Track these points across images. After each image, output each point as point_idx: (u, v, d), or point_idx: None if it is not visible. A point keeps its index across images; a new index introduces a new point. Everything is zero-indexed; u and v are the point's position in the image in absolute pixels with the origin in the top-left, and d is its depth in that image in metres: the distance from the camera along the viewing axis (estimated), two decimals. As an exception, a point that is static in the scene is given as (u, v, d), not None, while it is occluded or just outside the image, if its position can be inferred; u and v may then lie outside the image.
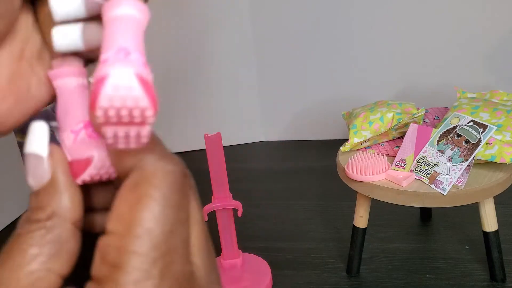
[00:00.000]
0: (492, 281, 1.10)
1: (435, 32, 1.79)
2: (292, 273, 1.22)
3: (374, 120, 1.10)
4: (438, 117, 1.18)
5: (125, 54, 0.19)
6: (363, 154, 1.06)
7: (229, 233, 1.16)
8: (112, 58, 0.18)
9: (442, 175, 0.96)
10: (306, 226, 1.43)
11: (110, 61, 0.18)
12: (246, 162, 1.91)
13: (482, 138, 0.96)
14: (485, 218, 1.05)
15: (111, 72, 0.18)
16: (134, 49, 0.19)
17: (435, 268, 1.17)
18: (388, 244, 1.28)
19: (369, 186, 1.01)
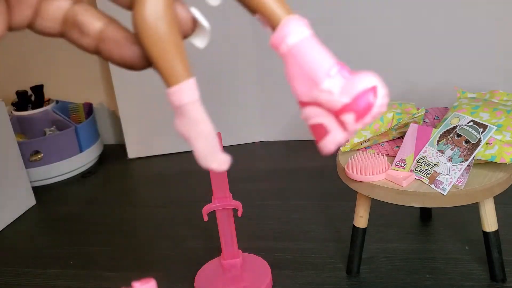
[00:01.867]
0: (492, 281, 1.10)
1: (435, 32, 1.79)
2: (292, 273, 1.22)
3: (374, 120, 1.10)
4: (438, 117, 1.18)
5: (343, 65, 0.23)
6: (363, 154, 1.06)
7: (229, 233, 1.16)
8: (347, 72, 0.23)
9: (442, 175, 0.96)
10: (306, 226, 1.43)
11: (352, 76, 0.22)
12: (246, 162, 1.91)
13: (482, 138, 0.95)
14: (485, 218, 1.05)
15: (375, 82, 0.21)
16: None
17: (435, 268, 1.17)
18: (388, 244, 1.28)
19: (369, 186, 1.01)
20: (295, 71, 0.24)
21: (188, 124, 0.24)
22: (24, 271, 1.37)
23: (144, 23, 0.23)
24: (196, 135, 0.25)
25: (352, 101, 0.22)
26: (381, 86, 0.22)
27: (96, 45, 0.24)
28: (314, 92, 0.24)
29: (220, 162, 0.25)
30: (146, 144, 2.11)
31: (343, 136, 0.24)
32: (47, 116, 2.04)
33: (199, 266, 1.24)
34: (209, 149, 0.25)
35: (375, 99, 0.22)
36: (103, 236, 1.52)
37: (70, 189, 1.90)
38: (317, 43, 0.24)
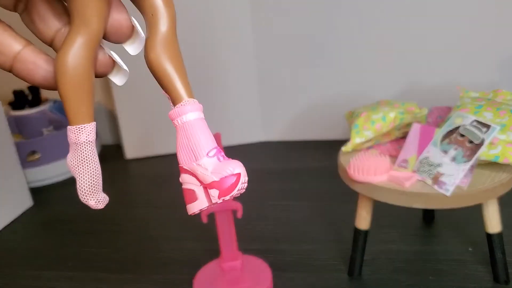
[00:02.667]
0: (496, 283, 1.09)
1: (437, 31, 1.78)
2: (293, 275, 1.20)
3: (376, 120, 1.09)
4: (441, 117, 1.17)
5: (220, 150, 0.29)
6: (365, 155, 1.04)
7: (229, 234, 1.15)
8: (221, 157, 0.28)
9: (446, 175, 0.94)
10: (307, 228, 1.41)
11: (225, 161, 0.28)
12: (246, 162, 1.89)
13: (485, 138, 0.94)
14: (489, 219, 1.03)
15: (240, 171, 0.28)
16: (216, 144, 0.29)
17: (438, 270, 1.16)
18: (390, 246, 1.27)
19: (371, 187, 1.00)
20: (183, 142, 0.30)
21: (79, 160, 0.28)
22: (21, 273, 1.36)
23: (63, 66, 0.26)
24: (83, 172, 0.28)
25: (219, 180, 0.28)
26: (244, 174, 0.29)
27: (11, 65, 0.26)
28: (193, 164, 0.30)
29: (98, 201, 0.31)
30: (144, 144, 2.09)
31: (207, 205, 0.30)
32: (44, 116, 2.02)
33: (198, 268, 1.23)
34: (92, 187, 0.29)
35: (236, 184, 0.28)
36: (101, 238, 1.50)
37: (68, 190, 1.89)
38: (206, 126, 0.30)
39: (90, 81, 0.27)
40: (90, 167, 0.28)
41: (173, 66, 0.30)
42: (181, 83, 0.30)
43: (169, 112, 0.30)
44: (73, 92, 0.26)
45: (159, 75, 0.29)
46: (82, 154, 0.28)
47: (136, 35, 0.29)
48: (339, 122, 1.94)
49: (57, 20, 0.27)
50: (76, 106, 0.27)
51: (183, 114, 0.29)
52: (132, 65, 1.58)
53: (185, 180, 0.31)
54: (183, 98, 0.30)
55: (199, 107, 0.30)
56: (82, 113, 0.27)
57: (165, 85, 0.30)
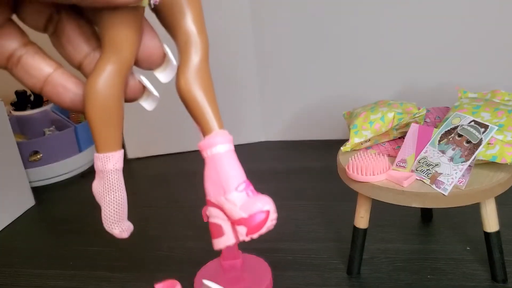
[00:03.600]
0: (493, 282, 1.09)
1: (436, 31, 1.79)
2: (293, 274, 1.21)
3: (375, 120, 1.10)
4: (439, 117, 1.18)
5: (249, 184, 0.28)
6: (363, 154, 1.05)
7: (229, 233, 1.16)
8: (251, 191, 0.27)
9: (443, 175, 0.95)
10: (306, 227, 1.42)
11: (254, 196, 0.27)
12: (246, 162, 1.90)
13: (483, 138, 0.95)
14: (486, 218, 1.04)
15: (270, 208, 0.26)
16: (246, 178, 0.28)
17: (436, 269, 1.17)
18: (389, 245, 1.28)
19: (370, 186, 1.01)
20: (212, 174, 0.28)
21: (105, 188, 0.27)
22: (23, 271, 1.37)
23: (93, 92, 0.25)
24: (109, 200, 0.27)
25: (248, 217, 0.27)
26: (274, 211, 0.27)
27: (41, 87, 0.26)
28: (221, 198, 0.28)
29: (122, 229, 0.30)
30: (146, 144, 2.10)
31: (233, 242, 0.29)
32: (46, 116, 2.03)
33: (199, 266, 1.24)
34: (117, 216, 0.29)
35: (265, 221, 0.27)
36: (102, 237, 1.51)
37: (70, 190, 1.90)
38: (236, 159, 0.29)
39: (120, 108, 0.26)
40: (116, 195, 0.27)
41: (204, 95, 0.28)
42: (212, 113, 0.29)
43: (199, 143, 0.29)
44: (102, 119, 0.25)
45: (189, 104, 0.28)
46: (109, 182, 0.27)
47: (167, 62, 0.28)
48: (338, 122, 1.95)
49: (86, 44, 0.26)
50: (104, 133, 0.26)
51: (212, 146, 0.28)
52: (133, 66, 1.56)
53: (212, 214, 0.29)
54: (214, 129, 0.29)
55: (229, 138, 0.29)
56: (110, 141, 0.26)
57: (194, 114, 0.28)
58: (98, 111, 0.25)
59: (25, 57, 0.25)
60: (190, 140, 2.09)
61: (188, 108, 0.29)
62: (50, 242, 1.52)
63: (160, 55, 0.28)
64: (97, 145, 0.26)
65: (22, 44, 0.25)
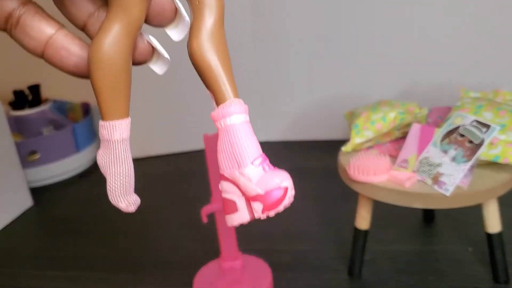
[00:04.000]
0: (495, 283, 1.09)
1: (437, 31, 1.78)
2: (293, 275, 1.20)
3: (376, 120, 1.09)
4: (441, 117, 1.17)
5: (266, 158, 0.26)
6: (365, 155, 1.04)
7: (228, 234, 1.15)
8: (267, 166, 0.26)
9: (445, 175, 0.94)
10: (307, 228, 1.41)
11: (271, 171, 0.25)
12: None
13: (485, 138, 0.94)
14: (489, 219, 1.03)
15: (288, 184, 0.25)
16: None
17: (437, 270, 1.16)
18: (390, 246, 1.27)
19: (371, 187, 1.00)
20: (225, 147, 0.27)
21: (111, 159, 0.25)
22: (22, 273, 1.36)
23: (98, 53, 0.23)
24: (115, 172, 0.25)
25: (264, 193, 0.25)
26: (291, 188, 0.26)
27: (42, 51, 0.24)
28: (235, 172, 0.26)
29: (129, 203, 0.27)
30: (144, 144, 2.09)
31: (248, 219, 0.27)
32: (44, 116, 2.02)
33: (198, 268, 1.23)
34: (123, 189, 0.26)
35: (283, 198, 0.25)
36: (101, 238, 1.50)
37: (68, 190, 1.89)
38: (251, 131, 0.27)
39: (128, 72, 0.24)
40: (123, 167, 0.25)
41: (219, 60, 0.26)
42: (227, 80, 0.26)
43: (212, 112, 0.27)
44: (108, 83, 0.23)
45: (202, 69, 0.26)
46: (115, 153, 0.25)
47: (179, 18, 0.26)
48: (339, 122, 1.94)
49: (90, 2, 0.24)
50: (111, 99, 0.24)
51: (227, 116, 0.26)
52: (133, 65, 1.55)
53: (225, 189, 0.27)
54: (228, 98, 0.26)
55: (245, 108, 0.27)
56: (117, 107, 0.24)
57: (207, 81, 0.26)
58: (104, 74, 0.23)
59: (24, 17, 0.23)
60: (189, 141, 2.08)
61: (201, 74, 0.26)
62: (48, 243, 1.51)
63: (172, 10, 0.25)
64: (103, 112, 0.24)
65: (21, 3, 0.23)
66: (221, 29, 0.26)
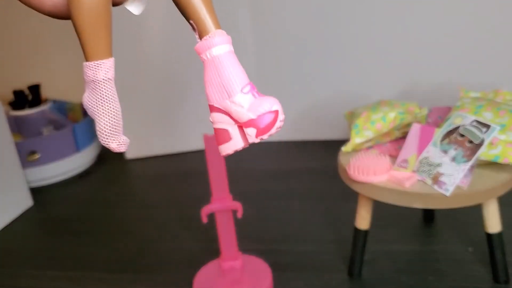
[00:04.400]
0: (495, 283, 1.09)
1: (438, 31, 1.78)
2: (293, 275, 1.20)
3: (376, 120, 1.09)
4: (441, 117, 1.17)
5: (254, 86, 0.27)
6: (365, 155, 1.04)
7: (228, 234, 1.15)
8: (256, 93, 0.26)
9: (445, 175, 0.94)
10: (307, 228, 1.41)
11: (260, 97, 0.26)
12: (246, 163, 1.90)
13: (485, 138, 0.94)
14: (489, 219, 1.03)
15: (278, 107, 0.26)
16: None
17: (437, 270, 1.16)
18: (390, 246, 1.27)
19: (371, 187, 1.00)
20: (213, 78, 0.27)
21: (98, 100, 0.25)
22: (22, 272, 1.36)
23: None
24: (103, 112, 0.26)
25: (257, 118, 0.26)
26: (282, 111, 0.27)
27: None
28: (226, 102, 0.27)
29: (120, 143, 0.27)
30: (144, 144, 2.09)
31: (242, 145, 0.28)
32: (44, 116, 2.02)
33: (198, 268, 1.23)
34: (112, 128, 0.26)
35: (275, 121, 0.26)
36: (101, 238, 1.50)
37: (68, 190, 1.89)
38: (237, 60, 0.28)
39: (108, 12, 0.24)
40: (110, 106, 0.26)
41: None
42: (208, 13, 0.27)
43: (196, 45, 0.27)
44: (91, 23, 0.24)
45: (182, 3, 0.26)
46: (102, 92, 0.25)
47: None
48: (339, 122, 1.94)
49: None
50: (94, 39, 0.24)
51: (212, 47, 0.27)
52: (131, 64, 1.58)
53: (216, 119, 0.28)
54: (211, 30, 0.27)
55: (228, 39, 0.28)
56: (101, 47, 0.24)
57: (189, 14, 0.26)
58: (85, 15, 0.23)
59: None
60: (188, 141, 2.08)
61: (181, 8, 0.26)
62: (48, 243, 1.51)
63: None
64: (86, 53, 0.25)
65: None
66: None
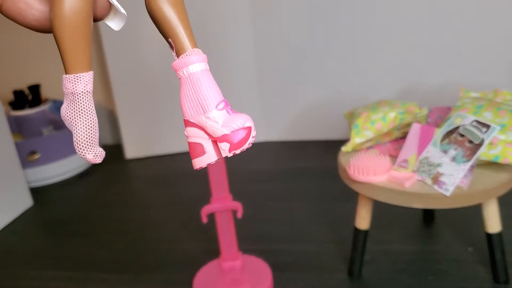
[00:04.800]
0: (495, 283, 1.09)
1: (438, 31, 1.78)
2: (293, 275, 1.20)
3: (376, 120, 1.09)
4: (441, 117, 1.17)
5: (228, 103, 0.29)
6: (365, 155, 1.04)
7: (229, 234, 1.15)
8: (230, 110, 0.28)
9: (445, 175, 0.94)
10: (307, 228, 1.41)
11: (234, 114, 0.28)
12: (246, 163, 1.90)
13: (485, 138, 0.94)
14: (488, 219, 1.03)
15: (250, 124, 0.29)
16: None
17: (437, 270, 1.16)
18: (390, 246, 1.27)
19: (371, 187, 1.00)
20: (189, 95, 0.29)
21: (76, 112, 0.27)
22: (21, 273, 1.36)
23: (60, 7, 0.24)
24: (80, 124, 0.27)
25: (230, 133, 0.28)
26: (253, 127, 0.29)
27: (0, 3, 0.25)
28: (201, 117, 0.29)
29: (96, 154, 0.29)
30: (144, 144, 2.09)
31: (216, 159, 0.29)
32: (44, 116, 2.02)
33: (198, 268, 1.23)
34: (89, 140, 0.28)
35: (248, 137, 0.29)
36: (100, 238, 1.50)
37: (68, 190, 1.89)
38: (212, 78, 0.29)
39: (89, 26, 0.25)
40: (87, 119, 0.27)
41: (176, 13, 0.28)
42: (185, 32, 0.28)
43: (173, 62, 0.28)
44: (71, 37, 0.24)
45: (161, 22, 0.27)
46: (79, 105, 0.26)
47: (115, 10, 0.28)
48: (339, 122, 1.94)
49: None
50: (74, 52, 0.25)
51: (188, 65, 0.28)
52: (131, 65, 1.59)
53: (191, 134, 0.29)
54: (188, 48, 0.28)
55: (204, 57, 0.29)
56: (80, 61, 0.25)
57: (167, 33, 0.28)
58: (66, 27, 0.24)
59: None
60: (189, 140, 2.08)
61: (159, 27, 0.28)
62: (48, 243, 1.51)
63: (106, 7, 0.27)
64: (66, 66, 0.26)
65: None
66: None
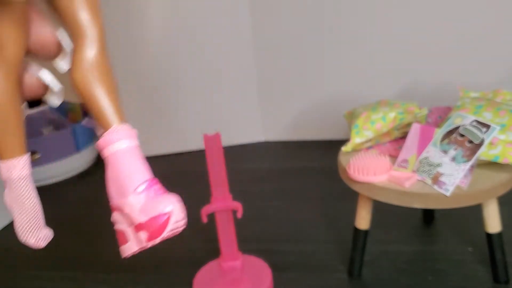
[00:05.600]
0: (495, 283, 1.09)
1: (438, 31, 1.78)
2: (293, 275, 1.20)
3: (376, 120, 1.09)
4: (441, 117, 1.17)
5: (154, 183, 0.25)
6: (365, 155, 1.04)
7: (228, 234, 1.15)
8: (153, 191, 0.24)
9: (445, 175, 0.94)
10: (307, 228, 1.41)
11: (156, 196, 0.24)
12: (246, 163, 1.90)
13: (485, 138, 0.94)
14: (488, 219, 1.03)
15: (171, 209, 0.24)
16: (151, 176, 0.25)
17: (437, 270, 1.16)
18: (390, 246, 1.27)
19: (371, 187, 1.00)
20: (113, 175, 0.26)
21: (13, 198, 0.25)
22: (21, 273, 1.36)
23: None
24: (19, 210, 0.26)
25: (147, 221, 0.25)
26: (178, 212, 0.24)
27: None
28: (121, 201, 0.26)
29: (38, 239, 0.27)
30: (144, 144, 2.08)
31: (137, 249, 0.26)
32: (44, 116, 2.02)
33: (198, 268, 1.23)
34: (29, 225, 0.27)
35: (166, 224, 0.24)
36: (101, 238, 1.50)
37: (68, 190, 1.89)
38: (138, 156, 0.26)
39: (16, 110, 0.24)
40: (26, 204, 0.26)
41: (102, 89, 0.25)
42: (112, 107, 0.26)
43: (97, 142, 0.25)
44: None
45: (86, 99, 0.25)
46: (16, 191, 0.25)
47: (65, 52, 0.27)
48: (339, 122, 1.93)
49: None
50: (3, 139, 0.24)
51: (111, 143, 0.25)
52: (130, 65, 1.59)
53: (116, 219, 0.27)
54: (112, 124, 0.25)
55: (131, 133, 0.26)
56: (12, 147, 0.24)
57: (92, 110, 0.26)
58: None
59: None
60: (189, 141, 2.08)
61: (85, 104, 0.27)
62: (47, 244, 1.51)
63: (55, 43, 0.26)
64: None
65: None
66: (104, 58, 0.27)
